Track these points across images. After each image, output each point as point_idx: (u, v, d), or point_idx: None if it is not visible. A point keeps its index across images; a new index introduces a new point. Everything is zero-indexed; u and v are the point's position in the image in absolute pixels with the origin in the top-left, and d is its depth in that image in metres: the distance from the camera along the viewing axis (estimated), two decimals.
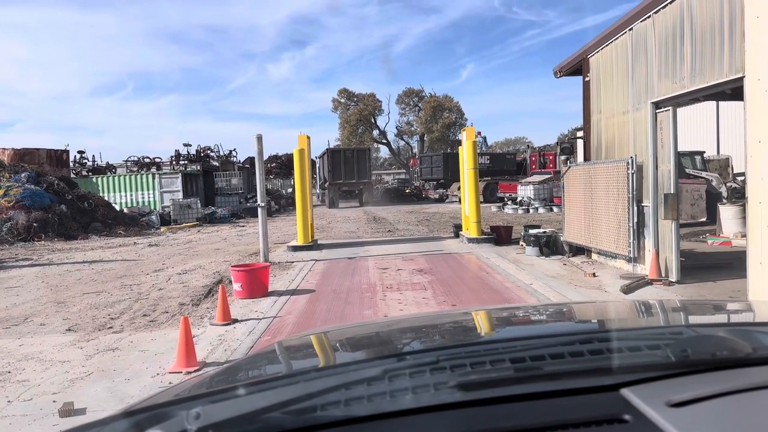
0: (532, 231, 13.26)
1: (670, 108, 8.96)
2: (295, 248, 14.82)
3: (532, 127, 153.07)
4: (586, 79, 11.99)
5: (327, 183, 37.23)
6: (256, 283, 8.97)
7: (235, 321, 7.53)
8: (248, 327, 7.26)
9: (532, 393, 0.99)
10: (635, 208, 9.71)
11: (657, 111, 9.28)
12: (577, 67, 12.58)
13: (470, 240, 14.86)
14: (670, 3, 8.69)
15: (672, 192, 8.98)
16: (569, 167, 12.43)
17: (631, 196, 9.73)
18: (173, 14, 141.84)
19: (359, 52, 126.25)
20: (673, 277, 9.04)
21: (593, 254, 11.70)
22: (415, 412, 0.95)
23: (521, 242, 14.19)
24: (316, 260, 13.06)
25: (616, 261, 10.67)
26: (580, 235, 11.77)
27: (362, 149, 40.20)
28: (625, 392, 0.98)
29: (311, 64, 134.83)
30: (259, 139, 12.75)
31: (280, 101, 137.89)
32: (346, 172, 36.00)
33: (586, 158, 12.11)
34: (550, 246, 12.69)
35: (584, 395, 0.99)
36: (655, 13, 9.11)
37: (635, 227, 9.73)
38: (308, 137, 15.53)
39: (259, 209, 12.98)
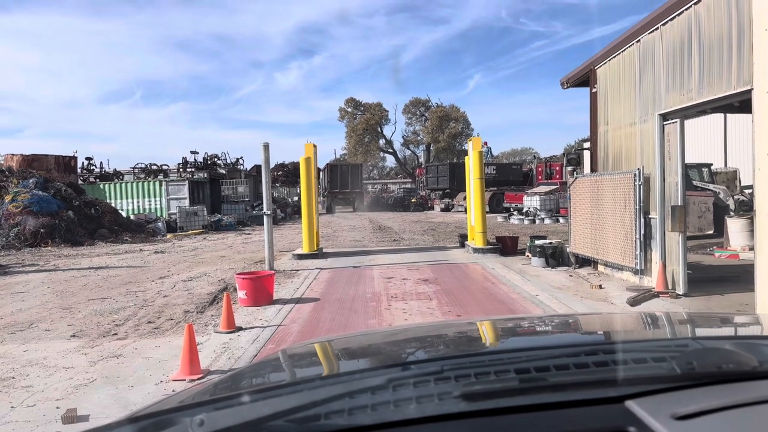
0: (538, 242, 13.21)
1: (677, 120, 8.94)
2: (301, 256, 14.83)
3: (539, 138, 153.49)
4: (593, 90, 11.99)
5: (326, 192, 43.36)
6: (260, 291, 8.97)
7: (240, 329, 7.52)
8: (252, 335, 7.25)
9: (537, 404, 0.99)
10: (642, 220, 9.67)
11: (664, 123, 9.26)
12: (584, 79, 12.58)
13: (476, 250, 14.82)
14: (678, 15, 8.70)
15: (679, 204, 8.93)
16: (576, 178, 12.41)
17: (638, 207, 9.69)
18: (182, 23, 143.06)
19: (367, 61, 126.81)
20: (680, 290, 8.98)
21: (599, 266, 11.64)
22: (420, 421, 0.95)
23: (527, 253, 14.13)
24: (321, 269, 13.06)
25: (622, 273, 10.62)
26: (587, 246, 11.72)
27: (356, 165, 47.31)
28: (630, 404, 0.97)
29: (319, 73, 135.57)
30: (266, 147, 12.79)
31: (287, 110, 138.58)
32: (342, 183, 42.94)
33: (593, 169, 12.08)
34: (556, 257, 12.64)
35: (589, 407, 0.99)
36: (663, 25, 9.12)
37: (642, 239, 9.68)
38: (315, 146, 15.58)
39: (265, 217, 13.00)
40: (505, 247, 15.00)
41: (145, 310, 9.00)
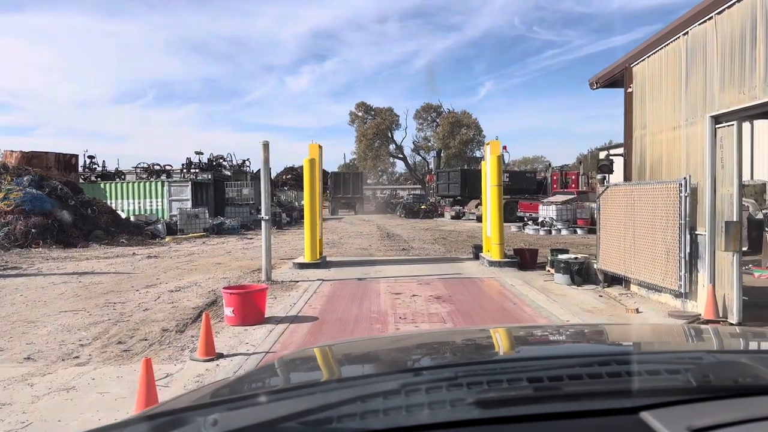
0: (562, 256, 12.02)
1: (734, 122, 7.74)
2: (302, 265, 13.70)
3: (550, 147, 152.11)
4: (629, 90, 10.80)
5: (331, 197, 47.89)
6: (250, 309, 7.83)
7: (220, 356, 6.38)
8: (234, 365, 6.11)
9: (550, 413, 0.97)
10: (688, 237, 8.46)
11: (717, 126, 8.06)
12: (618, 78, 11.41)
13: (492, 263, 13.64)
14: (738, 1, 7.52)
15: (735, 220, 7.74)
16: (607, 187, 11.19)
17: (683, 222, 8.49)
18: (196, 25, 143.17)
19: (378, 67, 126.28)
20: (733, 318, 7.76)
21: (632, 285, 10.43)
22: (432, 427, 0.93)
23: (548, 267, 12.97)
24: (323, 280, 11.92)
25: (660, 295, 9.41)
26: (618, 263, 10.51)
27: (357, 173, 53.57)
28: (645, 415, 0.94)
29: (330, 78, 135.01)
30: (266, 146, 11.70)
31: (298, 113, 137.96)
32: (345, 189, 48.10)
33: (627, 178, 10.89)
34: (582, 274, 11.44)
35: (603, 417, 0.96)
36: (719, 13, 7.94)
37: (687, 258, 8.47)
38: (320, 146, 14.48)
39: (263, 222, 11.88)
40: (523, 260, 13.81)
41: (118, 327, 7.90)
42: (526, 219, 29.24)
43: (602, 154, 47.12)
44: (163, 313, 8.74)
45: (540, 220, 26.63)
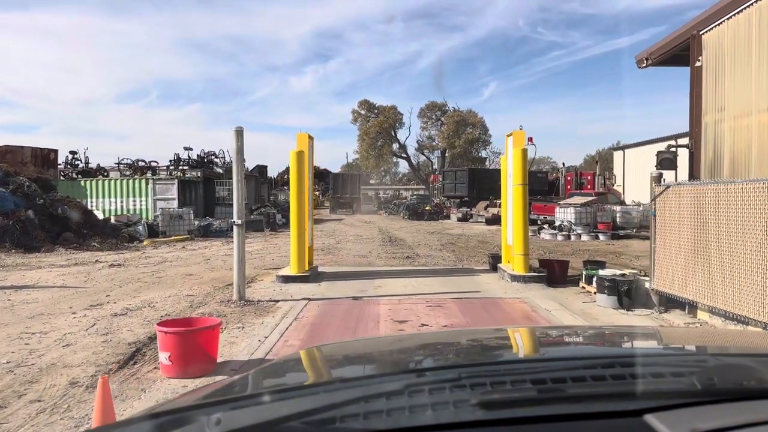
0: (603, 272, 9.74)
1: None
2: (286, 279, 11.43)
3: (554, 148, 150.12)
4: (697, 64, 8.53)
5: (330, 197, 50.34)
6: (194, 354, 5.55)
7: None
8: None
9: (554, 415, 0.96)
10: None
11: None
12: (678, 52, 9.15)
13: (514, 278, 11.36)
14: None
15: None
16: (667, 187, 8.89)
17: None
18: (200, 24, 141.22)
19: (382, 67, 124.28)
20: None
21: (700, 312, 8.16)
22: (435, 428, 0.93)
23: (582, 283, 10.74)
24: (310, 299, 9.66)
25: (746, 329, 7.13)
26: (683, 283, 8.23)
27: (355, 174, 54.86)
28: (649, 418, 0.92)
29: (333, 78, 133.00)
30: (239, 132, 9.44)
31: (301, 113, 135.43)
32: (343, 189, 49.55)
33: (694, 176, 8.62)
34: (630, 295, 9.18)
35: (607, 419, 0.95)
36: None
37: None
38: (310, 137, 12.22)
39: (235, 228, 9.61)
40: (551, 273, 11.53)
41: (13, 376, 5.65)
42: (540, 222, 26.93)
43: (663, 145, 44.61)
44: (86, 351, 6.49)
45: (557, 223, 24.29)
